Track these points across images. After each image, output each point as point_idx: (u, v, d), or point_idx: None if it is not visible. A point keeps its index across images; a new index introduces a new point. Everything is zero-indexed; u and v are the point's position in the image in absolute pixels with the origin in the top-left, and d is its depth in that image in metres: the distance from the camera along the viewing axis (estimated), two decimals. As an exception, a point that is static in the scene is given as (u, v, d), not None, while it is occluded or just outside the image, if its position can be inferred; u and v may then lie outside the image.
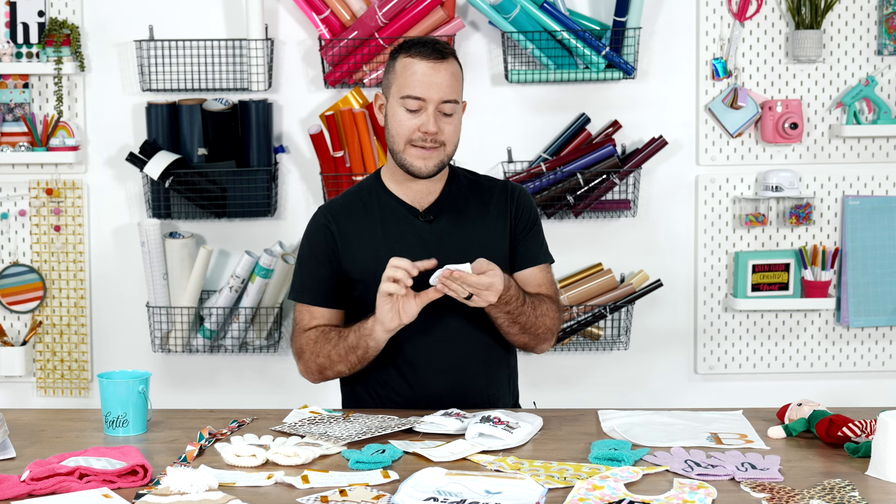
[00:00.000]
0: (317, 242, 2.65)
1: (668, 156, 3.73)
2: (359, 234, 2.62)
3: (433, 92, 2.52)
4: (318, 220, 2.67)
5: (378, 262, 2.49)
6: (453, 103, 2.55)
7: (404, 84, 2.54)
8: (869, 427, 2.18)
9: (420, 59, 2.54)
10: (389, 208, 2.64)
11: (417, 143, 2.55)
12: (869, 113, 3.72)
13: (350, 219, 2.65)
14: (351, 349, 2.52)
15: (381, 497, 1.93)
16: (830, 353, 3.80)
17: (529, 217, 2.70)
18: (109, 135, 3.78)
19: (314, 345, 2.58)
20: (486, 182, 2.73)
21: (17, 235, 3.80)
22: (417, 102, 2.53)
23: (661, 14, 3.72)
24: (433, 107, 2.53)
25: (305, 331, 2.62)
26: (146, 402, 2.41)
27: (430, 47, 2.55)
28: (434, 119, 2.53)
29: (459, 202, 2.66)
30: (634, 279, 3.69)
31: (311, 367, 2.61)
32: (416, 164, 2.56)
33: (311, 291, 2.64)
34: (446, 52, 2.56)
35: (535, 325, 2.57)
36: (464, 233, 2.62)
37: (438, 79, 2.53)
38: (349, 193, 2.73)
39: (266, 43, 3.65)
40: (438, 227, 2.62)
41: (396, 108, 2.56)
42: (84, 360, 3.83)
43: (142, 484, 2.02)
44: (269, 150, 3.69)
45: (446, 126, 2.55)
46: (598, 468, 2.08)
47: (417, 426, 2.34)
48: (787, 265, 3.72)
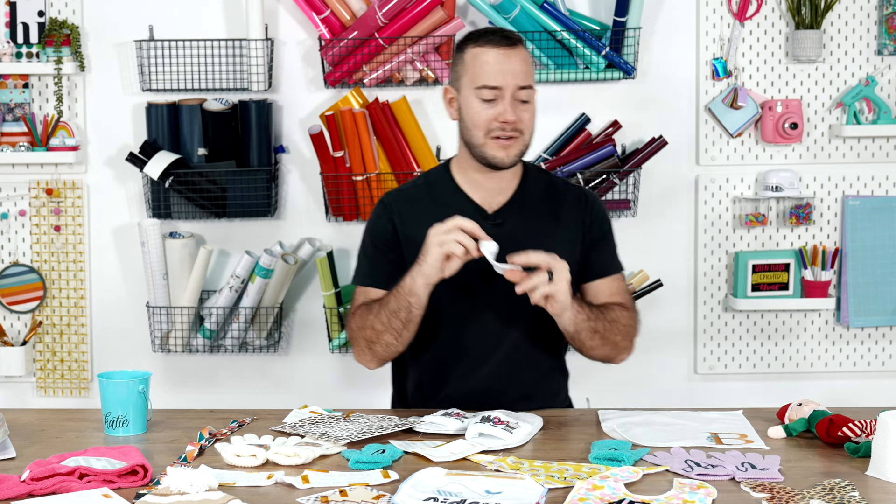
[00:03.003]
0: (378, 230, 2.62)
1: (668, 156, 3.73)
2: (421, 227, 2.53)
3: (508, 79, 2.47)
4: (383, 207, 2.64)
5: None
6: (528, 89, 2.51)
7: (477, 74, 2.49)
8: (869, 427, 2.18)
9: (491, 48, 2.49)
10: (456, 206, 2.56)
11: (496, 132, 2.49)
12: (869, 113, 3.72)
13: (415, 211, 2.60)
14: (393, 313, 2.47)
15: (381, 497, 1.93)
16: (830, 353, 3.80)
17: (602, 227, 2.65)
18: (109, 135, 3.78)
19: (359, 319, 2.55)
20: (561, 186, 2.67)
21: (17, 235, 3.80)
22: (493, 92, 2.48)
23: (661, 14, 3.72)
24: (510, 94, 2.48)
25: (356, 310, 2.59)
26: (146, 402, 2.41)
27: (498, 35, 2.50)
28: (512, 107, 2.48)
29: (530, 206, 2.60)
30: (634, 279, 3.69)
31: (361, 345, 2.56)
32: (497, 156, 2.51)
33: (370, 276, 2.61)
34: (515, 39, 2.51)
35: (610, 331, 2.52)
36: (531, 240, 2.51)
37: (512, 66, 2.48)
38: (416, 184, 2.68)
39: (266, 43, 3.65)
40: (505, 232, 2.52)
41: (471, 99, 2.51)
42: (84, 360, 3.83)
43: (142, 484, 2.03)
44: (269, 150, 3.69)
45: (524, 113, 2.51)
46: (598, 468, 2.08)
47: (417, 426, 2.34)
48: (787, 265, 3.72)
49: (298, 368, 3.83)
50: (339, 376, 3.83)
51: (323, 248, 3.71)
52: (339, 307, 3.68)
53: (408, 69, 3.66)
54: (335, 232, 3.77)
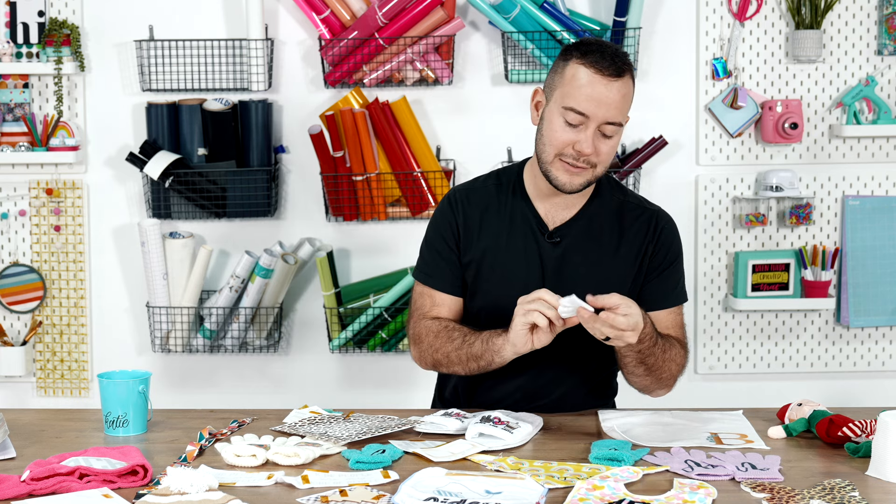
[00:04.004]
0: (443, 227, 2.54)
1: (668, 156, 3.73)
2: (482, 230, 2.50)
3: (600, 111, 2.33)
4: (448, 205, 2.55)
5: (490, 268, 2.43)
6: (617, 126, 2.37)
7: (569, 94, 2.35)
8: (869, 427, 2.18)
9: (594, 72, 2.33)
10: (521, 216, 2.49)
11: (567, 158, 2.37)
12: (869, 113, 3.72)
13: (479, 210, 2.52)
14: (474, 357, 2.43)
15: (381, 497, 1.93)
16: (830, 353, 3.80)
17: (667, 255, 2.52)
18: (109, 135, 3.78)
19: (434, 339, 2.49)
20: (632, 207, 2.53)
21: (17, 235, 3.80)
22: (579, 118, 2.34)
23: (661, 14, 3.72)
24: (595, 126, 2.34)
25: (426, 318, 2.53)
26: (146, 402, 2.41)
27: (608, 59, 2.34)
28: (592, 140, 2.35)
29: (594, 226, 2.49)
30: (634, 279, 3.69)
31: (426, 358, 2.53)
32: (560, 179, 2.39)
33: (436, 276, 2.54)
34: (624, 69, 2.35)
35: (660, 368, 2.43)
36: (586, 262, 2.46)
37: (609, 98, 2.33)
38: (487, 184, 2.57)
39: (266, 43, 3.65)
40: (561, 251, 2.46)
41: (555, 115, 2.38)
42: (84, 360, 3.83)
43: (142, 484, 2.02)
44: (269, 150, 3.70)
45: (603, 146, 2.37)
46: (598, 468, 2.08)
47: (417, 426, 2.34)
48: (787, 265, 3.72)
49: (298, 368, 3.83)
50: (339, 376, 3.83)
51: (323, 248, 3.72)
52: (339, 307, 3.68)
53: (408, 69, 3.66)
54: (335, 232, 3.77)
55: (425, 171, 3.66)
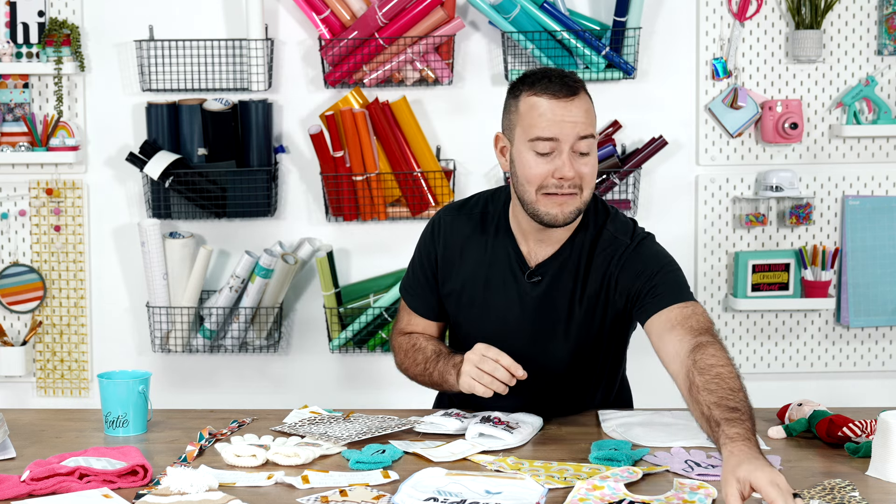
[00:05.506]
0: (425, 253, 2.55)
1: (668, 156, 3.73)
2: (463, 262, 2.48)
3: (567, 130, 2.26)
4: (433, 229, 2.54)
5: (471, 302, 2.44)
6: (590, 139, 2.29)
7: (532, 125, 2.28)
8: (869, 427, 2.18)
9: (548, 98, 2.28)
10: (503, 253, 2.44)
11: (552, 189, 2.29)
12: (869, 113, 3.73)
13: (461, 241, 2.49)
14: (436, 384, 2.50)
15: (381, 497, 1.93)
16: (830, 353, 3.80)
17: (643, 272, 2.35)
18: (109, 135, 3.78)
19: (404, 357, 2.57)
20: (605, 241, 2.41)
21: (17, 235, 3.80)
22: (550, 144, 2.27)
23: (661, 14, 3.72)
24: (567, 147, 2.27)
25: (402, 333, 2.60)
26: (146, 402, 2.41)
27: (557, 83, 2.29)
28: (570, 162, 2.27)
29: (572, 261, 2.41)
30: (634, 279, 3.69)
31: (401, 367, 2.60)
32: (551, 213, 2.30)
33: (414, 297, 2.58)
34: (577, 87, 2.30)
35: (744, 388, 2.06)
36: (564, 300, 2.40)
37: (571, 116, 2.27)
38: (473, 212, 2.51)
39: (266, 43, 3.65)
40: (541, 290, 2.41)
41: (524, 152, 2.30)
42: (84, 360, 3.83)
43: (142, 484, 2.02)
44: (269, 150, 3.70)
45: (583, 167, 2.29)
46: (598, 468, 2.08)
47: (417, 426, 2.34)
48: (787, 265, 3.72)
49: (298, 368, 3.83)
50: (339, 376, 3.83)
51: (323, 248, 3.72)
52: (339, 307, 3.68)
53: (408, 69, 3.66)
54: (335, 232, 3.77)
55: (425, 171, 3.67)
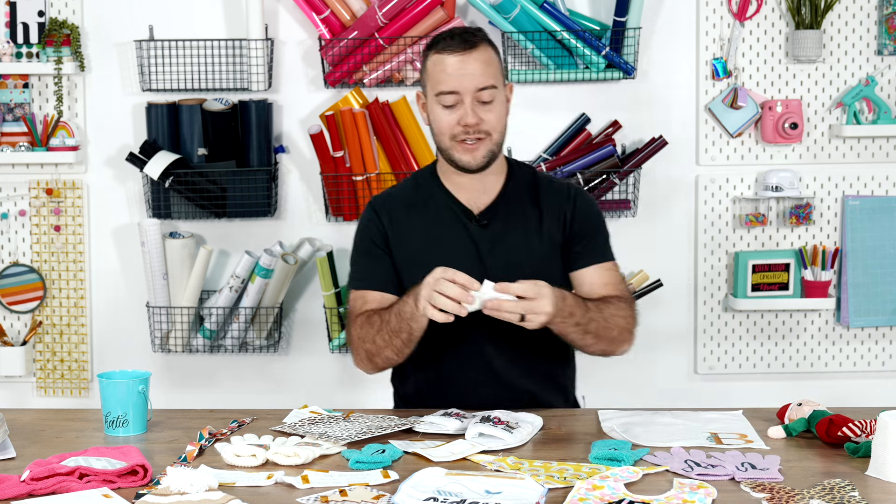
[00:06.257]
0: (370, 232, 2.63)
1: (668, 156, 3.73)
2: (411, 229, 2.60)
3: (466, 83, 2.48)
4: (372, 210, 2.66)
5: (428, 261, 2.46)
6: (491, 89, 2.50)
7: (437, 81, 2.51)
8: (869, 427, 2.18)
9: (448, 54, 2.50)
10: (445, 207, 2.61)
11: (461, 137, 2.51)
12: (869, 113, 3.73)
13: (403, 212, 2.63)
14: (394, 333, 2.48)
15: (381, 497, 1.93)
16: (830, 353, 3.80)
17: (589, 217, 2.64)
18: (109, 135, 3.78)
19: (360, 331, 2.55)
20: (544, 183, 2.66)
21: (17, 235, 3.80)
22: (453, 97, 2.49)
23: (661, 14, 3.72)
24: (469, 98, 2.49)
25: (356, 317, 2.59)
26: (146, 402, 2.41)
27: (457, 39, 2.51)
28: (472, 110, 2.49)
29: (515, 204, 2.61)
30: (634, 279, 3.69)
31: (360, 355, 2.58)
32: (464, 159, 2.52)
33: (366, 279, 2.62)
34: (475, 40, 2.52)
35: (607, 328, 2.51)
36: (517, 238, 2.58)
37: (469, 69, 2.48)
38: (405, 186, 2.71)
39: (266, 43, 3.65)
40: (491, 232, 2.58)
41: (434, 106, 2.53)
42: (84, 360, 3.83)
43: (142, 484, 2.03)
44: (269, 150, 3.69)
45: (487, 114, 2.51)
46: (598, 468, 2.08)
47: (417, 426, 2.34)
48: (787, 265, 3.72)
49: (298, 368, 3.83)
50: (339, 376, 3.83)
51: (323, 248, 3.71)
52: (340, 307, 3.68)
53: (408, 69, 3.66)
54: (335, 232, 3.77)
55: (425, 171, 3.66)
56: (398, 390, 2.75)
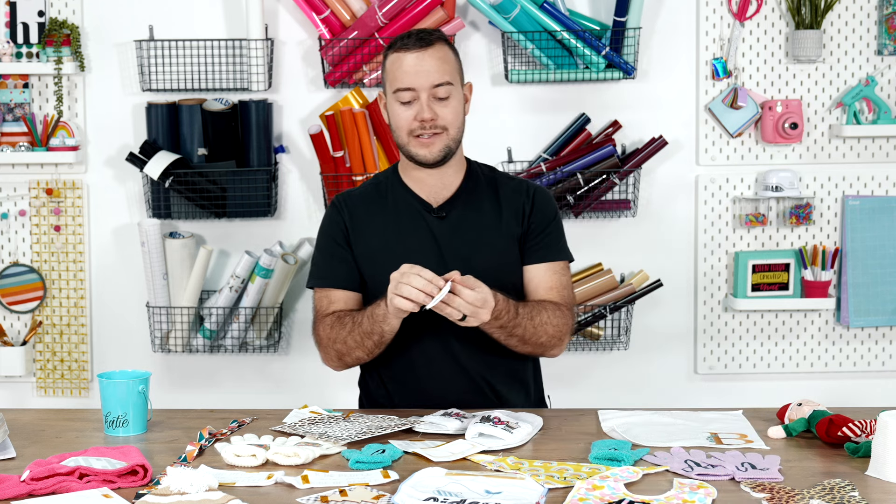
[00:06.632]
0: (331, 230, 2.69)
1: (668, 156, 3.73)
2: (371, 224, 2.66)
3: (421, 79, 2.55)
4: (334, 208, 2.72)
5: (388, 255, 2.54)
6: (447, 85, 2.57)
7: (394, 79, 2.58)
8: (869, 427, 2.18)
9: (405, 52, 2.57)
10: (403, 202, 2.67)
11: (417, 132, 2.58)
12: (869, 113, 3.72)
13: (364, 209, 2.69)
14: (366, 335, 2.53)
15: (381, 497, 1.93)
16: (830, 353, 3.80)
17: (545, 214, 2.69)
18: (109, 135, 3.78)
19: (330, 330, 2.59)
20: (504, 180, 2.74)
21: (17, 235, 3.80)
22: (410, 94, 2.56)
23: (661, 14, 3.72)
24: (425, 94, 2.56)
25: (324, 317, 2.63)
26: (146, 402, 2.41)
27: (413, 38, 2.59)
28: (428, 106, 2.56)
29: (474, 199, 2.68)
30: (634, 279, 3.69)
31: (330, 355, 2.63)
32: (420, 153, 2.59)
33: (329, 276, 2.66)
34: (431, 39, 2.59)
35: (534, 334, 2.55)
36: (475, 230, 2.63)
37: (425, 66, 2.56)
38: (366, 184, 2.77)
39: (266, 43, 3.65)
40: (449, 224, 2.64)
41: (393, 103, 2.60)
42: (84, 360, 3.83)
43: (142, 484, 2.03)
44: (269, 150, 3.69)
45: (442, 110, 2.57)
46: (598, 468, 2.08)
47: (417, 426, 2.34)
48: (787, 265, 3.72)
49: (298, 368, 3.83)
50: (339, 376, 3.80)
51: (323, 248, 3.71)
52: (339, 307, 3.68)
53: (408, 69, 3.66)
54: (335, 232, 3.76)
55: (425, 171, 3.67)
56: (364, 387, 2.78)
